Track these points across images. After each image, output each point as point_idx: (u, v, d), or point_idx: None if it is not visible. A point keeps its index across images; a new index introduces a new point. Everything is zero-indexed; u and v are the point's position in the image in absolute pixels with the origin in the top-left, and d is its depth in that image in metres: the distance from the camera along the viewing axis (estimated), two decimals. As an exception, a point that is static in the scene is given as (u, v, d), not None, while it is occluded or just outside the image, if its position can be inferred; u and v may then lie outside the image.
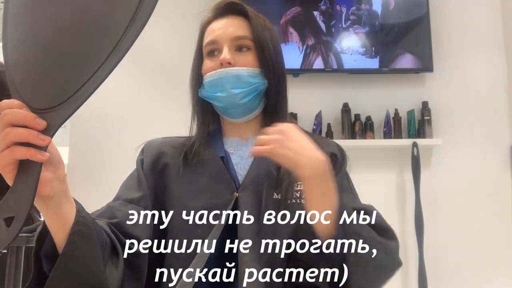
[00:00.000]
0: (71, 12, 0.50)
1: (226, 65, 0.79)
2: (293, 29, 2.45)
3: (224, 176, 0.80)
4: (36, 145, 0.48)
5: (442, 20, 2.53)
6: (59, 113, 0.48)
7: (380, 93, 2.49)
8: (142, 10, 0.47)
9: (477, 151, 2.45)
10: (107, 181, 1.98)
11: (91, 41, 0.49)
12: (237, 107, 0.81)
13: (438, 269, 2.31)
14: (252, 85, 0.80)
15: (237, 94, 0.79)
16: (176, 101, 2.17)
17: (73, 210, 0.58)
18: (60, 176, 0.55)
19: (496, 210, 2.41)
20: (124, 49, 0.47)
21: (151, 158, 0.83)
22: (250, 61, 0.81)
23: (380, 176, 2.38)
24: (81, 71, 0.48)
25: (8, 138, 0.48)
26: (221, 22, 0.83)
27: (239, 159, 0.83)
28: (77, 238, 0.57)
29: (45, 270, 0.59)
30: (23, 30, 0.53)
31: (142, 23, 0.47)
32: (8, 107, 0.49)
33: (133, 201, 0.77)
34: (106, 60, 0.47)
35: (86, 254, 0.58)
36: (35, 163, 0.48)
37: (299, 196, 0.78)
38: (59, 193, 0.55)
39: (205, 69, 0.83)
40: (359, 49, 2.44)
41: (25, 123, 0.48)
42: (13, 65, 0.53)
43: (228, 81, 0.79)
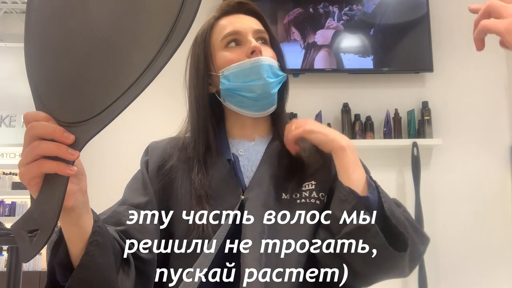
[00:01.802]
0: (105, 24, 0.49)
1: (257, 54, 0.78)
2: (295, 28, 2.47)
3: (232, 180, 0.78)
4: (65, 159, 0.47)
5: (442, 20, 2.53)
6: (88, 128, 0.47)
7: (380, 93, 2.49)
8: (177, 30, 0.46)
9: (477, 151, 2.45)
10: (108, 182, 1.98)
11: (125, 57, 0.47)
12: (269, 97, 0.80)
13: (438, 269, 2.31)
14: (279, 76, 0.81)
15: (272, 83, 0.79)
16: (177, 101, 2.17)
17: (91, 221, 0.58)
18: (83, 188, 0.54)
19: (496, 210, 2.41)
20: (158, 68, 0.46)
21: (156, 160, 0.82)
22: (272, 55, 0.82)
23: (380, 176, 2.35)
24: (113, 87, 0.47)
25: (36, 152, 0.47)
26: (236, 18, 0.83)
27: (246, 161, 0.82)
28: (94, 248, 0.57)
29: (58, 279, 0.59)
30: (49, 39, 0.51)
31: (177, 43, 0.45)
32: (34, 119, 0.48)
33: (139, 206, 0.76)
34: (139, 78, 0.46)
35: (102, 264, 0.58)
36: (61, 176, 0.48)
37: (308, 196, 0.77)
38: (81, 205, 0.55)
39: (227, 60, 0.80)
40: (358, 49, 2.44)
41: (54, 137, 0.47)
42: (38, 75, 0.51)
43: (264, 69, 0.78)
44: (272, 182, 0.78)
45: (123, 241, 0.69)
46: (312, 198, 0.77)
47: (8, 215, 4.72)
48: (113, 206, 0.78)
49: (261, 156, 0.82)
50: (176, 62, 0.59)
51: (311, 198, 0.77)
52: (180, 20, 0.46)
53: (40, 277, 4.33)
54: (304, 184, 0.79)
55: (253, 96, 0.79)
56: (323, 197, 0.78)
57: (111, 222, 0.72)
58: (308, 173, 0.81)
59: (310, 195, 0.77)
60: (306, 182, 0.79)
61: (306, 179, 0.80)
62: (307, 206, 0.76)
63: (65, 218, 0.54)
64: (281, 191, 0.78)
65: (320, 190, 0.78)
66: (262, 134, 0.86)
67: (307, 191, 0.78)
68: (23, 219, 0.48)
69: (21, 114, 5.14)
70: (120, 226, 0.71)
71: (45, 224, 0.47)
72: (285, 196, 0.77)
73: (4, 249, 3.45)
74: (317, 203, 0.77)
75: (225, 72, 0.80)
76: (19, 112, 5.12)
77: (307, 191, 0.78)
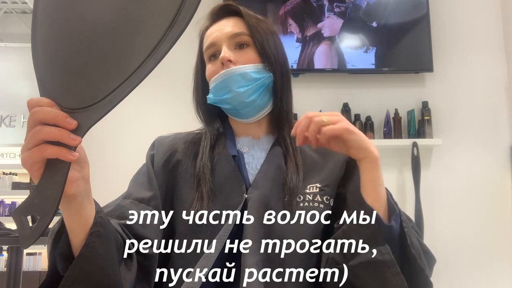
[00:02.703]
0: (108, 11, 0.49)
1: (227, 64, 0.78)
2: (292, 20, 2.44)
3: (236, 176, 0.78)
4: (67, 144, 0.47)
5: (442, 20, 2.53)
6: (90, 114, 0.48)
7: (380, 93, 2.49)
8: (181, 16, 0.46)
9: (477, 151, 2.45)
10: (109, 178, 1.98)
11: (128, 43, 0.47)
12: (246, 106, 0.80)
13: (438, 269, 2.31)
14: (258, 80, 0.79)
15: (244, 92, 0.78)
16: (177, 99, 2.18)
17: (93, 211, 0.58)
18: (85, 176, 0.54)
19: (496, 210, 2.41)
20: (161, 54, 0.46)
21: (163, 155, 0.82)
22: (251, 57, 0.80)
23: (380, 176, 2.37)
24: (116, 73, 0.47)
25: (38, 136, 0.47)
26: (217, 26, 0.83)
27: (251, 158, 0.82)
28: (95, 239, 0.57)
29: (59, 269, 0.59)
30: (54, 25, 0.51)
31: (180, 29, 0.46)
32: (37, 104, 0.48)
33: (143, 201, 0.76)
34: (142, 64, 0.46)
35: (103, 255, 0.58)
36: (63, 162, 0.48)
37: (311, 199, 0.77)
38: (83, 193, 0.54)
39: (209, 74, 0.82)
40: (358, 47, 2.44)
41: (56, 122, 0.47)
42: (42, 61, 0.51)
43: (232, 80, 0.77)
44: (275, 183, 0.77)
45: (126, 235, 0.69)
46: (316, 201, 0.76)
47: (8, 215, 4.73)
48: (118, 199, 0.78)
49: (266, 154, 0.82)
50: (178, 58, 0.59)
51: (315, 201, 0.76)
52: (184, 7, 0.46)
53: (40, 277, 4.33)
54: (309, 187, 0.78)
55: (231, 108, 0.80)
56: (328, 201, 0.77)
57: (115, 215, 0.72)
58: (313, 175, 0.80)
59: (314, 199, 0.77)
60: (311, 185, 0.78)
61: (310, 181, 0.79)
62: (309, 209, 0.76)
63: (66, 206, 0.54)
64: (284, 192, 0.77)
65: (325, 193, 0.78)
66: (267, 132, 0.86)
67: (311, 194, 0.77)
68: (24, 204, 0.48)
69: (21, 114, 5.14)
70: (123, 220, 0.71)
71: (45, 210, 0.47)
72: (288, 198, 0.76)
73: (4, 249, 3.45)
74: (321, 207, 0.76)
75: (210, 85, 0.82)
76: (19, 112, 5.12)
77: (311, 194, 0.77)
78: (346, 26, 2.46)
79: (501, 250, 2.38)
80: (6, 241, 2.19)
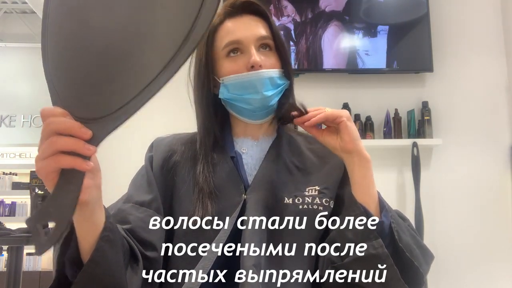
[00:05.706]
0: (123, 22, 0.49)
1: (257, 68, 0.77)
2: (288, 1, 2.33)
3: (234, 177, 0.78)
4: (81, 154, 0.48)
5: (442, 20, 2.53)
6: (105, 125, 0.48)
7: (380, 93, 2.49)
8: (196, 29, 0.46)
9: (477, 151, 2.45)
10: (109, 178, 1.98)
11: (144, 54, 0.47)
12: (266, 109, 0.79)
13: (438, 269, 2.31)
14: (280, 86, 0.79)
15: (270, 96, 0.77)
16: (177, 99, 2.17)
17: (103, 216, 0.58)
18: (98, 183, 0.55)
19: (496, 210, 2.41)
20: (175, 67, 0.46)
21: (161, 157, 0.82)
22: (275, 62, 0.80)
23: (380, 176, 2.35)
24: (131, 84, 0.47)
25: (54, 147, 0.47)
26: (240, 22, 0.81)
27: (249, 159, 0.81)
28: (105, 244, 0.57)
29: (67, 274, 0.60)
30: (67, 35, 0.51)
31: (195, 43, 0.46)
32: (51, 115, 0.48)
33: (144, 204, 0.76)
34: (158, 75, 0.46)
35: (112, 260, 0.59)
36: (78, 171, 0.48)
37: (311, 202, 0.76)
38: (94, 200, 0.55)
39: (226, 71, 0.79)
40: (360, 48, 2.44)
41: (71, 132, 0.47)
42: (54, 69, 0.51)
43: (261, 83, 0.77)
44: (274, 185, 0.77)
45: (130, 239, 0.69)
46: (315, 204, 0.76)
47: (8, 215, 4.73)
48: (118, 203, 0.78)
49: (265, 154, 0.81)
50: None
51: (314, 204, 0.76)
52: (199, 20, 0.46)
53: (40, 277, 4.33)
54: (308, 189, 0.78)
55: (251, 108, 0.79)
56: (328, 203, 0.77)
57: (116, 220, 0.72)
58: (312, 178, 0.80)
59: (313, 201, 0.77)
60: (310, 187, 0.78)
61: (309, 183, 0.79)
62: (309, 212, 0.76)
63: (78, 213, 0.54)
64: (283, 194, 0.77)
65: (324, 196, 0.78)
66: (267, 134, 0.85)
67: (310, 196, 0.77)
68: (38, 213, 0.49)
69: (21, 114, 5.14)
70: (125, 225, 0.71)
71: (60, 217, 0.47)
72: (287, 200, 0.76)
73: (4, 249, 3.45)
74: (320, 209, 0.76)
75: (225, 81, 0.79)
76: (19, 112, 5.13)
77: (310, 197, 0.77)
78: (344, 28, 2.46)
79: (501, 250, 2.38)
80: (6, 241, 2.20)
